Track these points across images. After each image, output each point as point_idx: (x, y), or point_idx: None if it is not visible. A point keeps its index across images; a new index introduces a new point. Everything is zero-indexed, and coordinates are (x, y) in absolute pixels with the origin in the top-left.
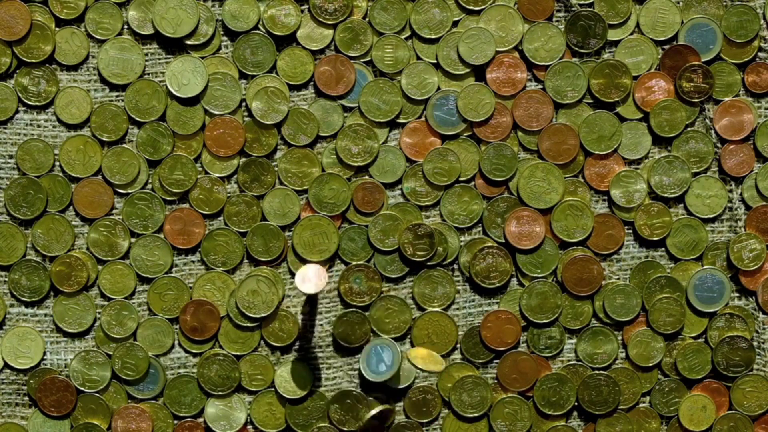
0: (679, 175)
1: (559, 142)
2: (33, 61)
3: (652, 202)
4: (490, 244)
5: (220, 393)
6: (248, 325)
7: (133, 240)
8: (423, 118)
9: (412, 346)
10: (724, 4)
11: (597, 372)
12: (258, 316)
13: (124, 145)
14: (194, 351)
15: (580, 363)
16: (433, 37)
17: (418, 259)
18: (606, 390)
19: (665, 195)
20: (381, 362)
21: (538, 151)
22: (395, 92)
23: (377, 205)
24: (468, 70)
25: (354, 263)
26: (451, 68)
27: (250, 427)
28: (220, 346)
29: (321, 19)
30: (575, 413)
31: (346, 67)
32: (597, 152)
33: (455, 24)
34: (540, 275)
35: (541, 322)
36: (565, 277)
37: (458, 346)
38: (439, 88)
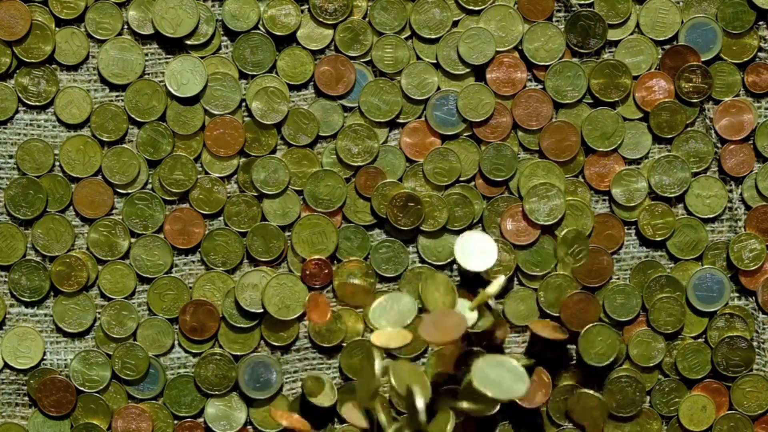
0: (679, 174)
1: (560, 140)
2: (33, 61)
3: (656, 203)
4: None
5: (217, 392)
6: (244, 325)
7: (133, 240)
8: (423, 118)
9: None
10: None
11: (617, 376)
12: (257, 311)
13: (124, 145)
14: (194, 351)
15: None
16: (433, 37)
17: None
18: (631, 390)
19: (665, 194)
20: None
21: (538, 151)
22: (395, 92)
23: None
24: (468, 70)
25: (346, 260)
26: (451, 68)
27: (249, 427)
28: (220, 346)
29: (321, 19)
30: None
31: (346, 67)
32: (600, 149)
33: (455, 24)
34: (539, 274)
35: (556, 315)
36: (575, 270)
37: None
38: (439, 88)
